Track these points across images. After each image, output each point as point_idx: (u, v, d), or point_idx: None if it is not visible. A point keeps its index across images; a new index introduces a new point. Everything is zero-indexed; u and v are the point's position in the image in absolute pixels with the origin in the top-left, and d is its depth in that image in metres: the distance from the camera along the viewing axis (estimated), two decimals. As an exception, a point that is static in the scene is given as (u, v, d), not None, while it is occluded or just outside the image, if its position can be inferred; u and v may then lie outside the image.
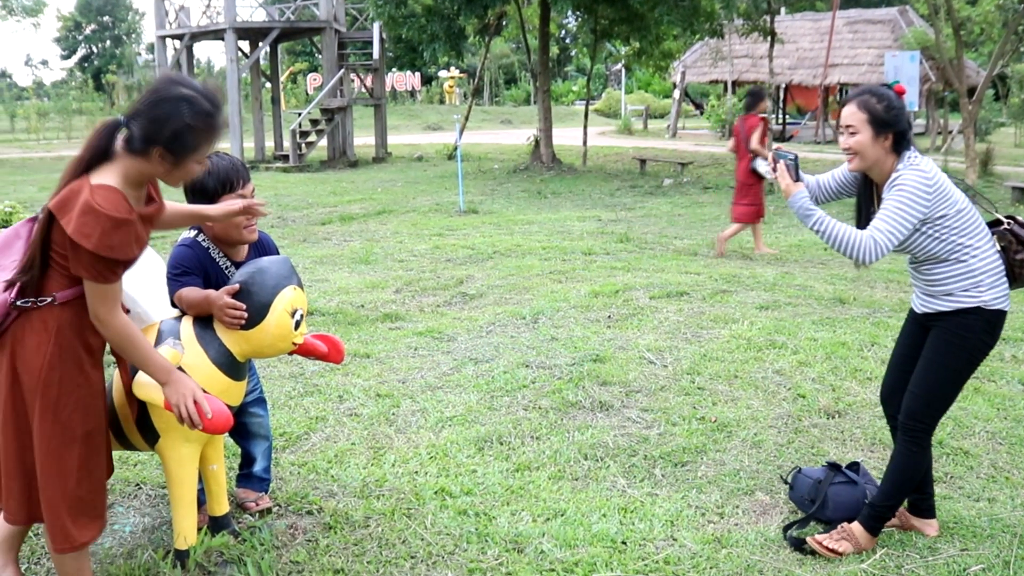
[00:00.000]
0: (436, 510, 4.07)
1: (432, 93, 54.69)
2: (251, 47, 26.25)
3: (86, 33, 74.96)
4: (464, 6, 20.29)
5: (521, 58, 60.35)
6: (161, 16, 25.37)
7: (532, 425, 5.05)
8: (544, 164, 20.81)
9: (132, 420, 3.44)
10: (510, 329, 6.95)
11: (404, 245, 10.81)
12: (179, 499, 3.48)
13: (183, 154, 2.82)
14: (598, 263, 9.52)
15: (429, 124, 40.35)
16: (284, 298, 3.36)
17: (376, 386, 5.70)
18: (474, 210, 14.03)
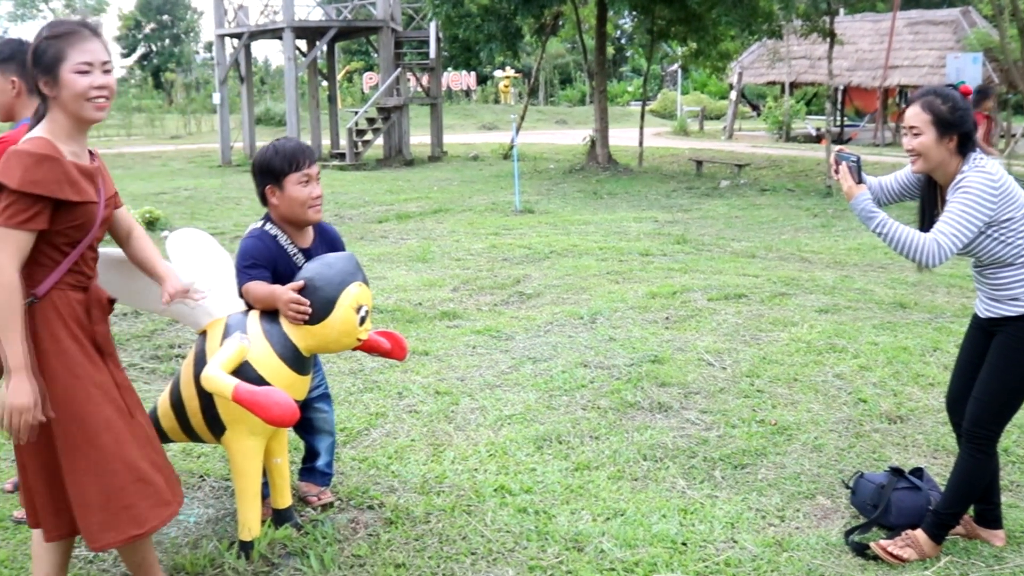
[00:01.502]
0: (496, 507, 4.09)
1: (487, 93, 54.79)
2: (308, 46, 26.47)
3: (146, 32, 76.03)
4: (521, 6, 20.30)
5: (576, 58, 60.22)
6: (220, 15, 25.68)
7: (591, 425, 5.06)
8: (600, 164, 20.76)
9: (199, 412, 3.51)
10: (568, 329, 6.96)
11: (461, 244, 10.86)
12: (244, 491, 3.54)
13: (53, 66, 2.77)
14: (655, 264, 9.49)
15: (484, 123, 40.43)
16: (350, 294, 3.40)
17: (435, 383, 5.74)
18: (530, 210, 14.05)
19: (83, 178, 2.81)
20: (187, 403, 3.53)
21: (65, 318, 2.85)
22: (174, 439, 3.73)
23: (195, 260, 3.70)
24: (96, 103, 2.80)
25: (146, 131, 41.23)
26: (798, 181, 18.39)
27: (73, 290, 2.87)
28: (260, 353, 3.39)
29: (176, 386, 3.61)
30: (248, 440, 3.48)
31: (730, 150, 26.40)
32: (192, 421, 3.54)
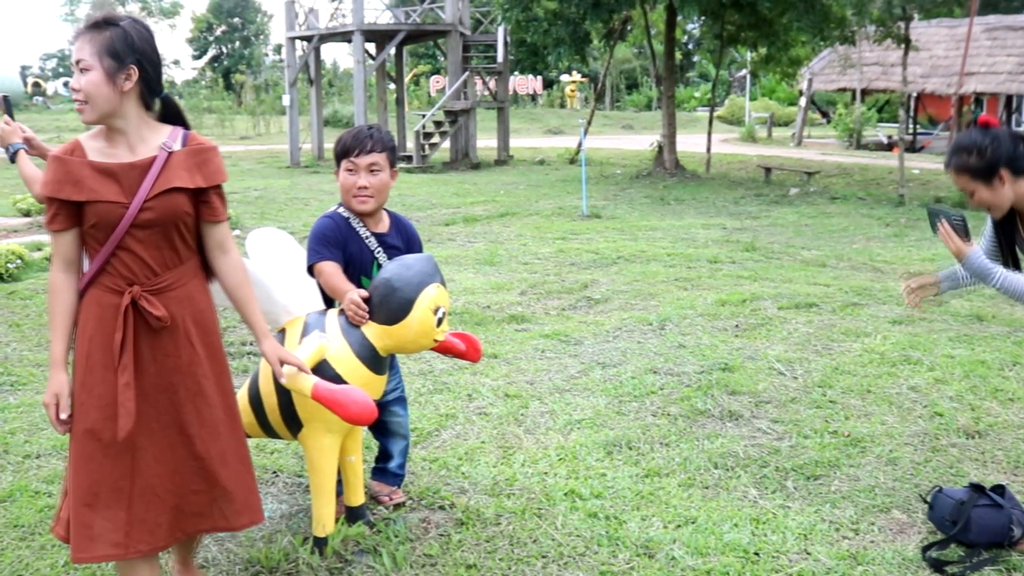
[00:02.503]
0: (566, 511, 4.10)
1: (553, 97, 54.81)
2: (377, 49, 26.72)
3: (216, 34, 77.25)
4: (590, 10, 20.28)
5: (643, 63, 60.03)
6: (291, 18, 26.02)
7: (661, 431, 5.03)
8: (667, 170, 20.67)
9: (277, 409, 3.56)
10: (637, 335, 6.94)
11: (528, 248, 10.88)
12: (319, 488, 3.58)
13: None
14: (724, 271, 9.43)
15: (550, 128, 40.46)
16: (428, 295, 3.43)
17: (504, 386, 5.76)
18: (597, 215, 14.03)
19: (97, 176, 2.72)
20: (265, 399, 3.58)
21: (92, 319, 2.80)
22: (251, 435, 3.78)
23: (273, 258, 3.75)
24: (76, 105, 2.78)
25: (216, 131, 41.86)
26: (869, 190, 18.15)
27: (106, 292, 2.80)
28: (338, 352, 3.43)
29: (254, 382, 3.66)
30: (324, 437, 3.52)
31: (799, 157, 26.11)
32: (270, 417, 3.59)
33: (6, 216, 13.14)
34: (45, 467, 4.64)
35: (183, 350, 2.88)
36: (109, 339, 2.77)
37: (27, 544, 3.85)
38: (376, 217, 3.87)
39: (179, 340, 2.87)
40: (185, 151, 2.86)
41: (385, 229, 3.89)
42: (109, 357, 2.77)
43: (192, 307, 2.91)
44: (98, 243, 2.77)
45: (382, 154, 3.76)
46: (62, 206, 2.73)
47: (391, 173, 3.82)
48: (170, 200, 2.80)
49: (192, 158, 2.86)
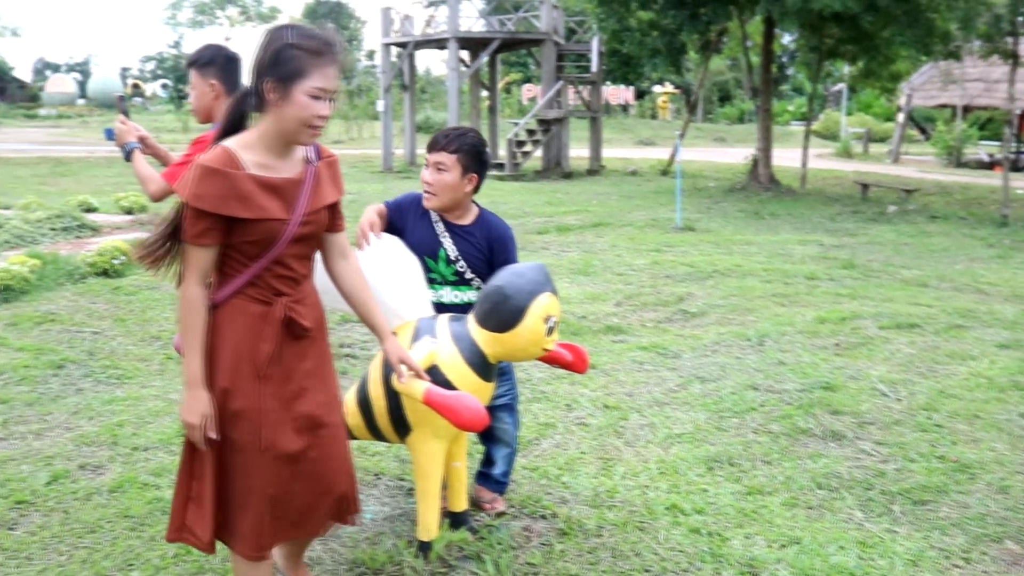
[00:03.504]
0: (668, 526, 4.06)
1: (644, 108, 54.58)
2: (472, 57, 26.90)
3: (311, 39, 78.53)
4: (686, 22, 20.17)
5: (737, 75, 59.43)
6: (387, 24, 26.34)
7: (763, 449, 4.97)
8: (762, 184, 20.40)
9: (385, 412, 3.60)
10: (735, 350, 6.86)
11: (622, 259, 10.83)
12: (425, 492, 3.61)
13: (290, 78, 2.62)
14: (822, 288, 9.27)
15: (641, 139, 40.30)
16: (540, 304, 3.44)
17: (603, 397, 5.74)
18: (691, 227, 13.92)
19: (263, 193, 2.67)
20: (374, 402, 3.62)
21: (238, 329, 2.78)
22: (358, 437, 3.82)
23: (383, 263, 3.79)
24: (313, 131, 2.72)
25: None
26: (971, 209, 17.70)
27: (252, 302, 2.78)
28: (448, 357, 3.46)
29: (363, 385, 3.71)
30: (432, 442, 3.55)
31: (897, 174, 25.59)
32: (378, 420, 3.63)
33: (109, 213, 13.51)
34: (153, 460, 4.75)
35: (313, 356, 2.93)
36: (255, 349, 2.77)
37: (137, 535, 3.95)
38: (458, 212, 3.93)
39: (311, 347, 2.91)
40: (323, 163, 2.88)
41: (467, 222, 3.95)
42: (253, 367, 2.78)
43: (317, 313, 2.98)
44: (248, 258, 2.74)
45: (452, 155, 3.80)
46: (217, 221, 2.64)
47: (466, 178, 3.84)
48: (320, 214, 2.86)
49: (328, 170, 2.91)
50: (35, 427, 5.23)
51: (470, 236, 3.93)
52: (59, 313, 7.71)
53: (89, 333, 7.20)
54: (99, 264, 9.18)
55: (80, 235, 11.53)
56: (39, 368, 6.27)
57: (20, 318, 7.47)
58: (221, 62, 4.10)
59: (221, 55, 4.12)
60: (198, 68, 4.08)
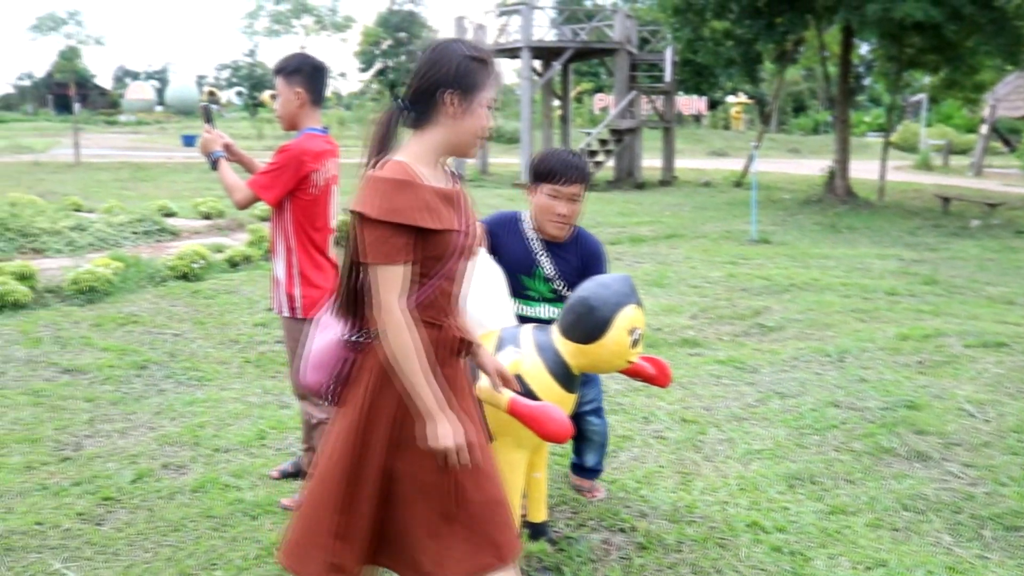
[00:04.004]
0: (749, 543, 4.00)
1: (717, 118, 54.18)
2: (544, 66, 26.95)
3: (383, 48, 79.33)
4: (762, 31, 19.99)
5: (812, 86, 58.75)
6: (460, 34, 26.47)
7: (845, 467, 4.87)
8: (838, 197, 20.08)
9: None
10: (814, 366, 6.75)
11: (697, 271, 10.73)
12: (506, 503, 3.59)
13: (472, 89, 2.57)
14: (903, 304, 9.08)
15: (714, 149, 40.00)
16: (625, 316, 3.40)
17: (681, 411, 5.68)
18: (766, 240, 13.75)
19: (443, 204, 2.58)
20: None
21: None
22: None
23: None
24: (481, 142, 2.66)
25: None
26: (1059, 225, 17.23)
27: (426, 325, 2.61)
28: (531, 368, 3.44)
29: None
30: (514, 452, 3.53)
31: (979, 188, 25.02)
32: (459, 429, 3.62)
33: (188, 218, 13.75)
34: (233, 462, 4.81)
35: (464, 376, 2.84)
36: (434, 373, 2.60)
37: (220, 535, 3.99)
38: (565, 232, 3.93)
39: (462, 367, 2.82)
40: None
41: (560, 241, 3.94)
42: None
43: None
44: (423, 275, 2.60)
45: (583, 185, 3.85)
46: (410, 235, 2.52)
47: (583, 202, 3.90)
48: (476, 227, 2.79)
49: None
50: (120, 426, 5.33)
51: (567, 254, 3.95)
52: (141, 315, 7.86)
53: (170, 335, 7.33)
54: (179, 267, 9.35)
55: (160, 239, 11.74)
56: (123, 368, 6.39)
57: (104, 319, 7.63)
58: (307, 71, 4.14)
59: (308, 64, 4.16)
60: (285, 76, 4.13)
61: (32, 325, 7.35)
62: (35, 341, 6.95)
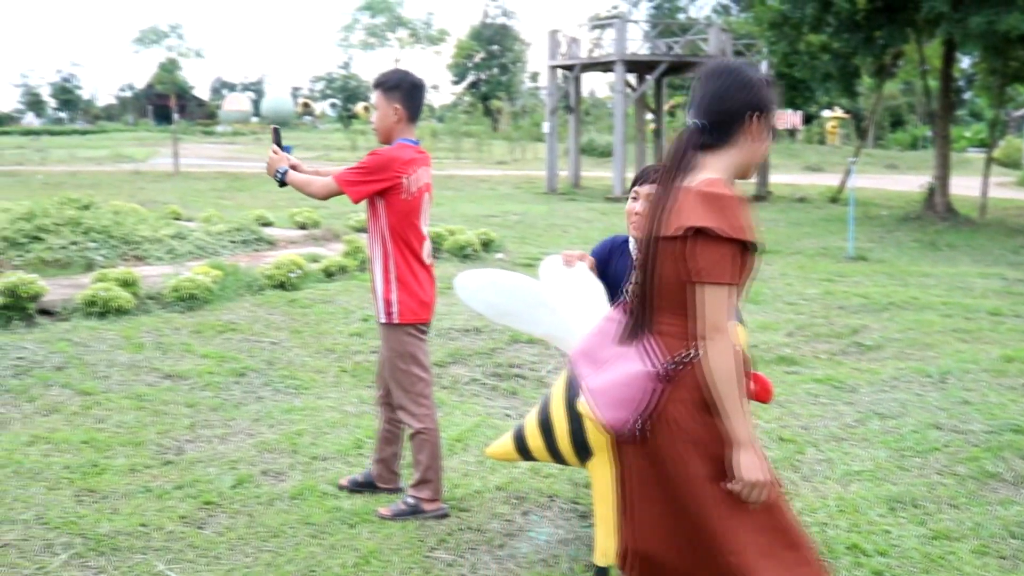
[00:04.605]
0: (850, 566, 3.91)
1: (812, 133, 53.37)
2: (638, 80, 26.89)
3: (475, 61, 79.98)
4: (861, 45, 19.63)
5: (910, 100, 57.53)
6: (553, 47, 26.56)
7: (948, 491, 4.74)
8: (938, 214, 19.59)
9: (567, 435, 3.58)
10: (915, 386, 6.58)
11: (792, 288, 10.57)
12: (604, 517, 3.57)
13: (769, 111, 2.59)
14: (1007, 325, 8.81)
15: (809, 164, 39.39)
16: (726, 333, 3.36)
17: (778, 429, 5.59)
18: (863, 257, 13.48)
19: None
20: (556, 425, 3.62)
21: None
22: (538, 458, 3.83)
23: (568, 285, 3.79)
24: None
25: (474, 155, 43.32)
26: None
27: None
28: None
29: (545, 407, 3.71)
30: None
31: (1085, 206, 24.21)
32: (559, 443, 3.62)
33: (284, 228, 14.00)
34: (331, 470, 4.87)
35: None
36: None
37: (318, 542, 4.05)
38: None
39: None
40: None
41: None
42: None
43: None
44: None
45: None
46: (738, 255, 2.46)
47: None
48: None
49: None
50: (219, 431, 5.45)
51: None
52: (239, 323, 8.02)
53: (267, 343, 7.46)
54: (276, 276, 9.52)
55: (257, 248, 11.98)
56: (222, 375, 6.53)
57: (203, 326, 7.81)
58: (407, 88, 4.25)
59: (407, 81, 4.26)
60: (384, 91, 4.23)
61: (135, 331, 7.56)
62: (138, 346, 7.14)
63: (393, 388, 4.35)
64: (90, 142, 50.13)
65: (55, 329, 7.53)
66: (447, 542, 4.07)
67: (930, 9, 17.07)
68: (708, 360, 2.44)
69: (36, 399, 5.95)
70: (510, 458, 4.01)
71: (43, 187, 22.00)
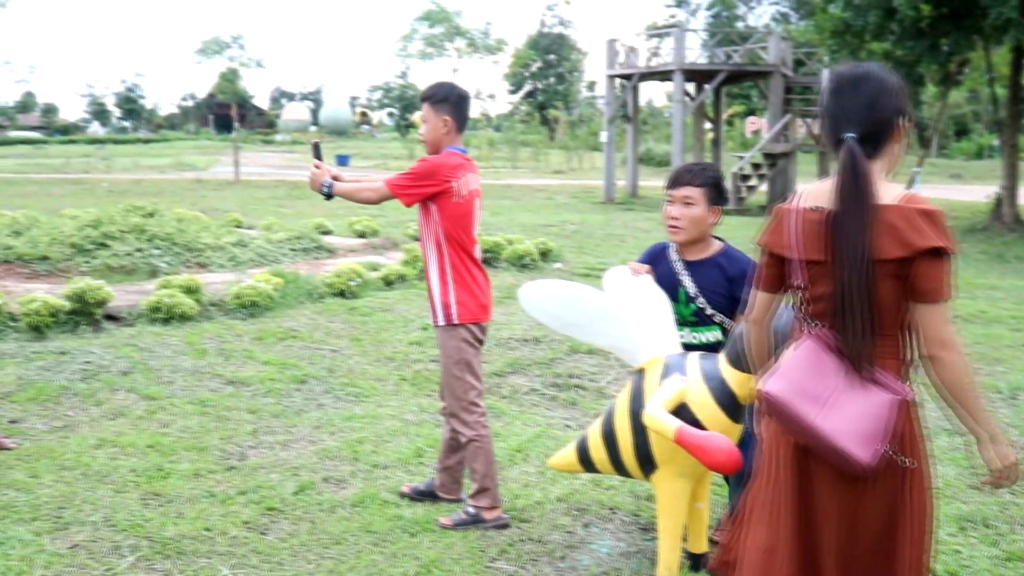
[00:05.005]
0: (920, 587, 3.82)
1: (873, 142, 52.62)
2: (696, 89, 26.74)
3: (532, 70, 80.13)
4: (925, 53, 19.32)
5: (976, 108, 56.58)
6: (611, 57, 26.49)
7: (1021, 511, 4.62)
8: (1006, 225, 19.18)
9: (631, 448, 3.55)
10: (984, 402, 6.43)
11: (855, 299, 10.39)
12: (667, 531, 3.53)
13: (909, 114, 2.58)
14: (1079, 340, 8.60)
15: (869, 174, 38.75)
16: (795, 347, 3.31)
17: (843, 444, 5.49)
18: (927, 269, 13.22)
19: None
20: (619, 437, 3.59)
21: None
22: (601, 470, 3.80)
23: (632, 297, 3.76)
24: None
25: (530, 164, 43.36)
26: None
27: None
28: (698, 396, 3.38)
29: (609, 419, 3.67)
30: (678, 481, 3.48)
31: None
32: (623, 456, 3.59)
33: (343, 236, 14.11)
34: (392, 478, 4.88)
35: None
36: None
37: (380, 550, 4.05)
38: (697, 247, 3.90)
39: None
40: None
41: (698, 257, 3.91)
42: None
43: None
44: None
45: (698, 189, 3.82)
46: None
47: (710, 210, 3.84)
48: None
49: None
50: (281, 438, 5.48)
51: (709, 270, 3.88)
52: (300, 330, 8.08)
53: (328, 351, 7.51)
54: (336, 285, 9.59)
55: (317, 256, 12.08)
56: (283, 382, 6.58)
57: (265, 333, 7.88)
58: (454, 100, 4.35)
59: (455, 93, 4.37)
60: (432, 104, 4.32)
61: (198, 337, 7.65)
62: (201, 352, 7.22)
63: (447, 395, 4.39)
64: (153, 150, 51.07)
65: (121, 334, 7.65)
66: (508, 553, 4.05)
67: (998, 15, 16.76)
68: (946, 374, 2.49)
69: (103, 403, 6.04)
70: (573, 470, 3.98)
71: (108, 195, 22.41)
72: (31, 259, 10.05)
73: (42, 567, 3.83)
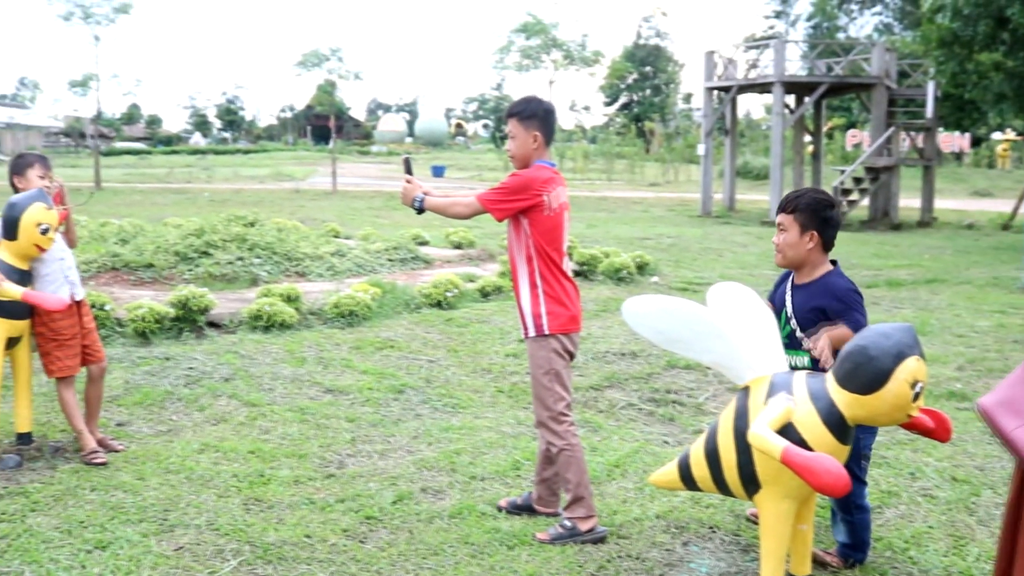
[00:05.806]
0: (1035, 620, 3.67)
1: (980, 156, 51.22)
2: (796, 101, 26.32)
3: (628, 82, 79.75)
4: (1039, 63, 18.75)
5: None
6: (710, 69, 26.24)
7: None
8: None
9: (735, 467, 3.49)
10: (1102, 427, 6.18)
11: (961, 319, 10.10)
12: (769, 552, 3.46)
13: None
14: None
15: (977, 190, 37.76)
16: (907, 368, 3.24)
17: (951, 469, 5.32)
18: (1039, 288, 12.81)
19: None
20: (723, 456, 3.53)
21: None
22: (702, 488, 3.74)
23: (737, 313, 3.71)
24: None
25: (626, 177, 43.23)
26: None
27: None
28: (804, 416, 3.31)
29: (712, 437, 3.62)
30: (782, 502, 3.41)
31: None
32: (726, 474, 3.53)
33: (440, 247, 14.21)
34: (489, 490, 4.87)
35: None
36: None
37: (478, 562, 4.04)
38: (805, 270, 4.01)
39: None
40: None
41: (804, 281, 4.03)
42: None
43: None
44: None
45: (789, 216, 3.95)
46: None
47: (805, 236, 3.93)
48: None
49: None
50: (379, 447, 5.52)
51: (806, 294, 3.97)
52: (397, 340, 8.16)
53: (425, 361, 7.56)
54: (434, 295, 9.66)
55: (414, 267, 12.19)
56: (381, 391, 6.64)
57: (363, 342, 7.97)
58: (542, 115, 4.39)
59: (542, 108, 4.41)
60: (520, 119, 4.36)
61: (297, 345, 7.77)
62: (300, 360, 7.34)
63: (536, 406, 4.41)
64: (252, 161, 52.22)
65: (222, 341, 7.82)
66: (606, 569, 4.01)
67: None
68: None
69: (205, 408, 6.17)
70: (674, 487, 3.93)
71: (209, 204, 22.99)
72: (137, 266, 10.35)
73: (149, 567, 3.92)
